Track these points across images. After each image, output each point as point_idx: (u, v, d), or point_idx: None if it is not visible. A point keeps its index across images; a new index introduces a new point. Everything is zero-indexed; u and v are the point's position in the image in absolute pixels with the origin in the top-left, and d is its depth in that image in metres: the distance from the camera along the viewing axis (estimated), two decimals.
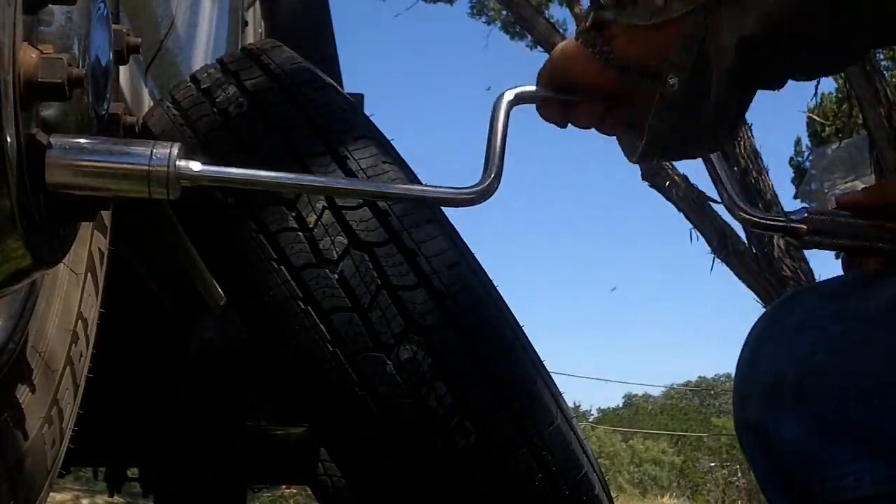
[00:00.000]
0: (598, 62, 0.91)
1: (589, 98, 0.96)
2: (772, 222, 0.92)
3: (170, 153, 0.77)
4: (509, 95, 0.97)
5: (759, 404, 0.83)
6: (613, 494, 1.43)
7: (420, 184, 1.28)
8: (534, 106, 1.00)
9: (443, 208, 1.28)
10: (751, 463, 0.86)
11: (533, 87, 0.99)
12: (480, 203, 0.89)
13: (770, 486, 0.83)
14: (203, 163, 0.79)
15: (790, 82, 0.84)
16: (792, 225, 0.88)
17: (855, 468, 0.75)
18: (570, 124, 1.00)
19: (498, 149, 0.92)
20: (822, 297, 0.87)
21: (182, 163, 0.77)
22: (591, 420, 28.70)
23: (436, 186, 0.92)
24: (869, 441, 0.75)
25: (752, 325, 0.88)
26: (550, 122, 1.00)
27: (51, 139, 0.74)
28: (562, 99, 0.98)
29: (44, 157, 0.73)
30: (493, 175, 0.90)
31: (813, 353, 0.79)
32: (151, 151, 0.77)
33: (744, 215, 0.93)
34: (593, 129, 0.99)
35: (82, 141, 0.77)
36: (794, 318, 0.84)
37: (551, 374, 1.28)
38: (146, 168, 0.76)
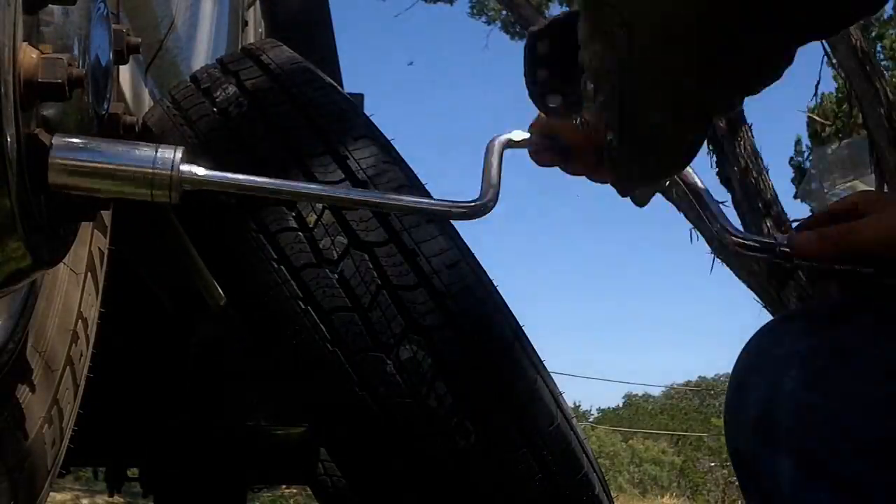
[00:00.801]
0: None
1: (580, 153, 1.07)
2: (760, 244, 0.94)
3: (174, 157, 0.76)
4: (501, 140, 1.06)
5: (746, 437, 0.83)
6: (613, 494, 1.43)
7: (420, 183, 1.29)
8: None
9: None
10: (742, 490, 0.86)
11: (523, 133, 1.10)
12: (478, 217, 0.92)
13: None
14: (206, 167, 0.79)
15: (788, 85, 0.85)
16: (781, 249, 0.91)
17: None
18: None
19: (494, 174, 0.99)
20: (807, 327, 0.86)
21: (185, 167, 0.77)
22: (591, 420, 28.69)
23: (435, 200, 0.97)
24: (846, 485, 0.75)
25: (747, 342, 0.88)
26: (543, 167, 1.11)
27: (53, 139, 0.74)
28: (553, 147, 1.10)
29: (47, 158, 0.73)
30: (489, 194, 0.95)
31: (798, 389, 0.79)
32: (155, 154, 0.76)
33: (734, 239, 0.96)
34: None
35: (85, 142, 0.77)
36: (780, 350, 0.84)
37: (551, 374, 1.28)
38: (150, 171, 0.76)
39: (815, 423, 0.77)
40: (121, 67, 1.02)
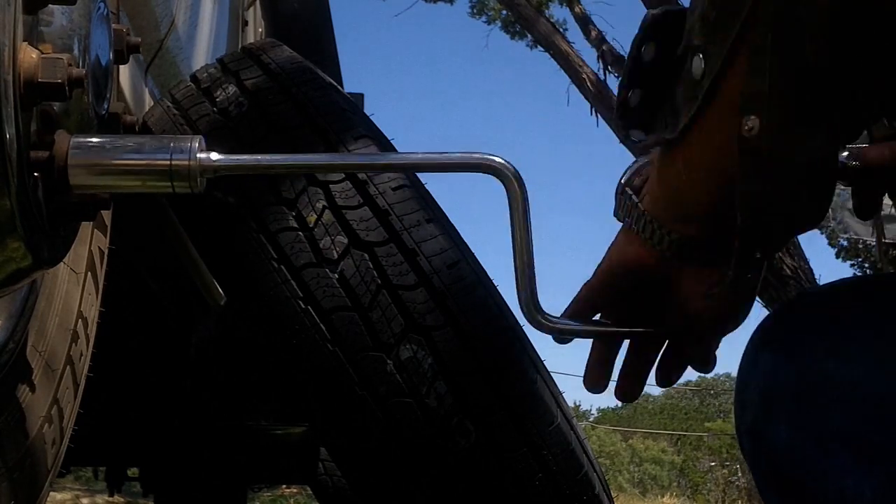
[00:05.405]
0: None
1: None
2: None
3: (191, 146, 0.76)
4: None
5: (757, 410, 0.82)
6: (613, 494, 1.43)
7: (419, 181, 1.28)
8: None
9: (442, 206, 1.28)
10: (752, 469, 0.85)
11: None
12: None
13: (770, 493, 0.83)
14: (221, 152, 0.78)
15: None
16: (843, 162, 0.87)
17: (855, 477, 0.74)
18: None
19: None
20: (823, 300, 0.86)
21: (203, 154, 0.76)
22: (591, 420, 28.71)
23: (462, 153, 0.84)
24: (869, 450, 0.74)
25: (754, 329, 0.87)
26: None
27: (71, 141, 0.74)
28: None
29: (67, 160, 0.73)
30: None
31: (812, 359, 0.79)
32: (172, 145, 0.76)
33: None
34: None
35: (102, 140, 0.76)
36: (794, 323, 0.84)
37: (551, 374, 1.28)
38: (167, 163, 0.75)
39: (830, 392, 0.76)
40: (121, 67, 1.02)
